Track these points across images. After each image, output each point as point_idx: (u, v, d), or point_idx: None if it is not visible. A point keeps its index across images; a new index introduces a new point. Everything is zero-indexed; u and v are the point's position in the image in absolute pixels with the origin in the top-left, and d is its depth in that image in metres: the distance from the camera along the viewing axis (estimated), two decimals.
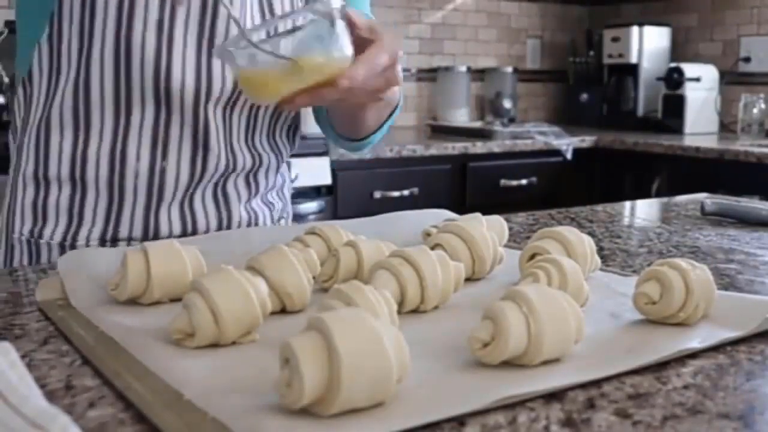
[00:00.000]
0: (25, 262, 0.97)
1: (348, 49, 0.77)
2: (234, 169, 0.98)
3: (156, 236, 0.96)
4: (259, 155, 1.01)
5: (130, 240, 0.96)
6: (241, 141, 0.98)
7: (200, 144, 0.95)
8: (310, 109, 1.14)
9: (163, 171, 0.94)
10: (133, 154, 0.93)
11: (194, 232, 0.98)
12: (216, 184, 0.98)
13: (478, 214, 0.95)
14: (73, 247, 0.95)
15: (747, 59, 3.25)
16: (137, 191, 0.94)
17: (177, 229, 0.97)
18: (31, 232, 0.96)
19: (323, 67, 0.76)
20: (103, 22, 0.90)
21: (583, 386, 0.52)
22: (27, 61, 0.96)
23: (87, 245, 0.95)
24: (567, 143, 2.91)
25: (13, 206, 0.98)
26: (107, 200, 0.95)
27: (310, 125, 1.28)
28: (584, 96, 3.57)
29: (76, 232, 0.95)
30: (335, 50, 0.76)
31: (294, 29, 0.83)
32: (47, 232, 0.96)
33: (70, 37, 0.91)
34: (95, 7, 0.90)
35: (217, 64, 0.93)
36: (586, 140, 3.00)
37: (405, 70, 3.05)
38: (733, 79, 3.25)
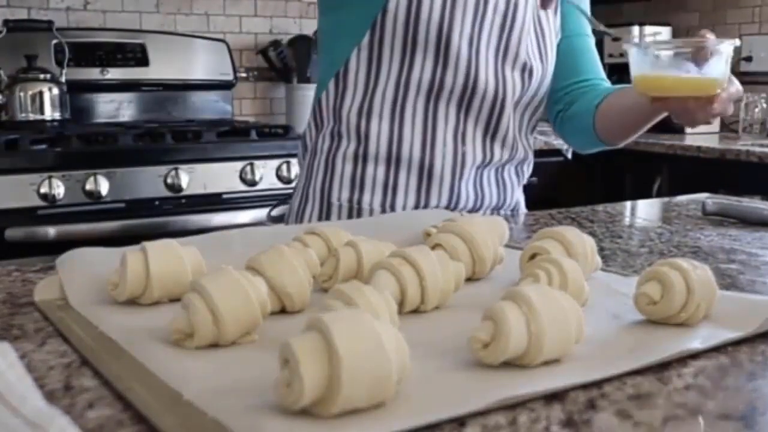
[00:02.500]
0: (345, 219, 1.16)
1: (726, 77, 0.97)
2: (511, 159, 1.22)
3: (456, 206, 1.17)
4: (525, 149, 1.23)
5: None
6: (523, 134, 1.22)
7: (490, 134, 1.18)
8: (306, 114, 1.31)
9: (464, 154, 1.16)
10: (440, 140, 1.15)
11: (481, 206, 1.20)
12: (497, 170, 1.21)
13: (478, 214, 0.95)
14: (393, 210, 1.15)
15: (749, 59, 3.25)
16: (444, 169, 1.15)
17: (470, 201, 1.18)
18: (350, 199, 1.15)
19: (714, 86, 0.96)
20: (426, 32, 1.10)
21: (584, 387, 0.52)
22: (338, 61, 1.15)
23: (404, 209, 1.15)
24: None
25: (330, 178, 1.17)
26: (418, 176, 1.15)
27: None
28: None
29: (393, 201, 1.15)
30: (723, 76, 0.96)
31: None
32: (366, 199, 1.15)
33: (393, 41, 1.11)
34: (419, 18, 1.09)
35: (510, 72, 1.15)
36: None
37: None
38: None
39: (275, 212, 1.38)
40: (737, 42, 0.96)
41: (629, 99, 1.14)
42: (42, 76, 2.38)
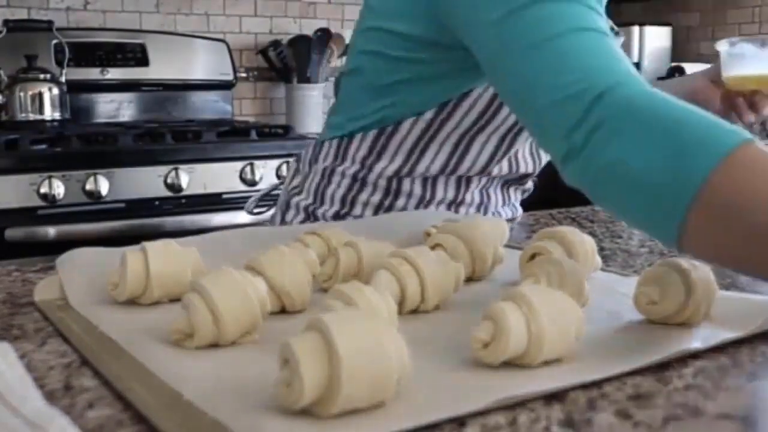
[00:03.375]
0: None
1: None
2: (515, 172, 1.18)
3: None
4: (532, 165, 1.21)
5: None
6: (526, 152, 1.17)
7: (502, 150, 1.11)
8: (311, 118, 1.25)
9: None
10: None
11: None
12: (502, 186, 1.18)
13: (478, 214, 0.95)
14: None
15: None
16: (447, 188, 1.11)
17: (472, 210, 1.15)
18: (337, 213, 1.11)
19: None
20: (496, 126, 1.04)
21: (584, 387, 0.52)
22: (389, 116, 1.06)
23: None
24: None
25: (323, 192, 1.13)
26: (419, 199, 1.10)
27: (309, 125, 1.28)
28: None
29: None
30: None
31: None
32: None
33: (457, 126, 1.04)
34: (498, 113, 1.03)
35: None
36: None
37: None
38: None
39: (257, 210, 1.36)
40: None
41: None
42: (42, 76, 2.37)
